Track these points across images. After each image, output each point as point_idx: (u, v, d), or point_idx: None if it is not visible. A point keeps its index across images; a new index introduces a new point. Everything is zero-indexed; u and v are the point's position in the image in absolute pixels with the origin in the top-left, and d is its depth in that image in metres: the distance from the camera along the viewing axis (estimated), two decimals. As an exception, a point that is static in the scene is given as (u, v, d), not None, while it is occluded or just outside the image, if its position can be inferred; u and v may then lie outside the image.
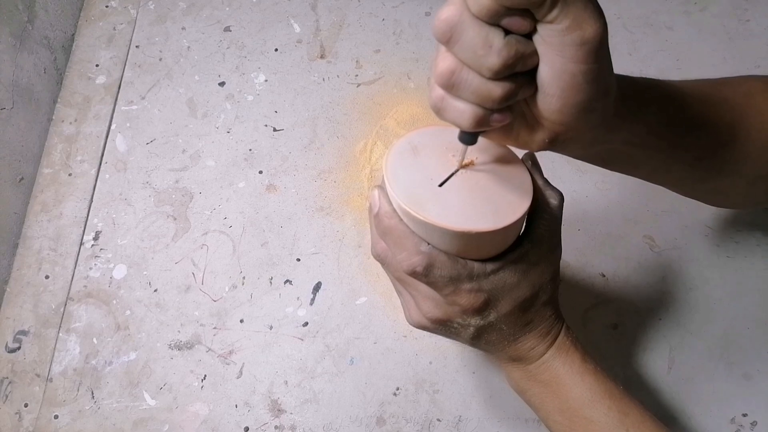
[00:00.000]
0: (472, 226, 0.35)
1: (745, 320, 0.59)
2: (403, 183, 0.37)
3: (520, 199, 0.38)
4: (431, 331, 0.41)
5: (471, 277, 0.37)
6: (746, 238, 0.62)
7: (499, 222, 0.36)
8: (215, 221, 0.63)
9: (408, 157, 0.38)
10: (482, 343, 0.41)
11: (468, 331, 0.40)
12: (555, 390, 0.42)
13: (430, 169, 0.38)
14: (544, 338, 0.41)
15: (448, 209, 0.36)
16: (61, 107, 0.69)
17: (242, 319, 0.59)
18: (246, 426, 0.55)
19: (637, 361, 0.57)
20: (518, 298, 0.39)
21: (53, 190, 0.64)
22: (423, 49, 0.72)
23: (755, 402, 0.56)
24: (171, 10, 0.74)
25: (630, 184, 0.64)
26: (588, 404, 0.41)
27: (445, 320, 0.39)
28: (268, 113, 0.68)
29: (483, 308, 0.38)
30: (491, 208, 0.36)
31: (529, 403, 0.44)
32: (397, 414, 0.55)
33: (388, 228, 0.37)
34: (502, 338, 0.41)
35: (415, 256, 0.36)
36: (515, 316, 0.39)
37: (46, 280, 0.60)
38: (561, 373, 0.41)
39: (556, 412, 0.42)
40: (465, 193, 0.37)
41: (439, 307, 0.39)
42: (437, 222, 0.35)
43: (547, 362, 0.41)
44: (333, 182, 0.65)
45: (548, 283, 0.40)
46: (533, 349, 0.41)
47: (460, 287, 0.37)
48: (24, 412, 0.55)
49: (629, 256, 0.61)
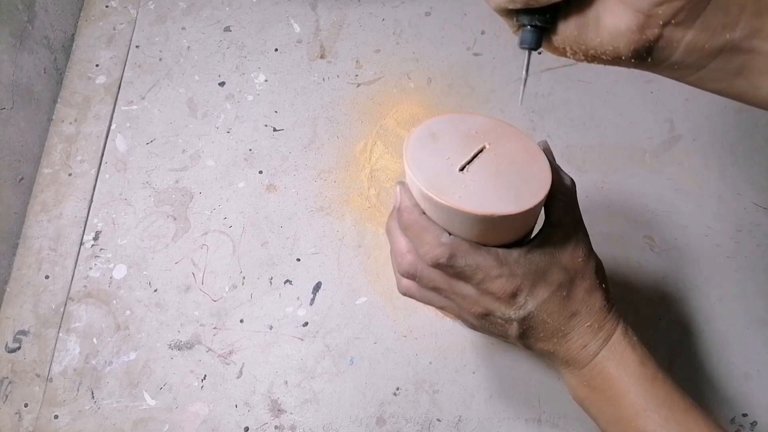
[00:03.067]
0: (494, 209, 0.35)
1: (745, 320, 0.59)
2: (424, 169, 0.37)
3: (540, 182, 0.37)
4: (484, 331, 0.41)
5: (498, 262, 0.36)
6: (746, 238, 0.62)
7: (520, 205, 0.36)
8: (215, 221, 0.63)
9: (428, 144, 0.38)
10: (532, 341, 0.39)
11: (513, 327, 0.38)
12: (609, 397, 0.38)
13: (450, 155, 0.38)
14: (595, 335, 0.38)
15: (470, 194, 0.36)
16: (61, 107, 0.69)
17: (242, 319, 0.59)
18: (246, 426, 0.55)
19: (637, 361, 0.57)
20: (553, 283, 0.37)
21: (53, 190, 0.64)
22: (423, 49, 0.72)
23: (755, 402, 0.56)
24: (171, 10, 0.74)
25: (630, 184, 0.64)
26: (641, 413, 0.37)
27: (485, 314, 0.38)
28: (268, 113, 0.68)
29: (516, 294, 0.37)
30: (512, 193, 0.36)
31: (588, 412, 0.41)
32: (397, 414, 0.55)
33: (408, 222, 0.37)
34: (549, 333, 0.38)
35: (438, 248, 0.36)
36: (556, 304, 0.38)
37: (46, 280, 0.60)
38: (614, 377, 0.38)
39: (612, 422, 0.39)
40: (485, 178, 0.37)
41: (476, 302, 0.38)
42: (459, 206, 0.35)
43: (600, 363, 0.39)
44: (333, 182, 0.65)
45: (583, 266, 0.38)
46: (585, 347, 0.39)
47: (489, 273, 0.36)
48: (24, 412, 0.55)
49: (629, 256, 0.61)
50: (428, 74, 0.71)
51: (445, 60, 0.71)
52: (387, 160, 0.66)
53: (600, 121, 0.68)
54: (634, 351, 0.39)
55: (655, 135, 0.67)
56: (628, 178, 0.65)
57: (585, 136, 0.67)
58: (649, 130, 0.67)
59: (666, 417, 0.37)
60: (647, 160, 0.66)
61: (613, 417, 0.39)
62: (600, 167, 0.65)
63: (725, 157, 0.66)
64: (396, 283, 0.42)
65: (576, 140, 0.67)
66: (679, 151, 0.66)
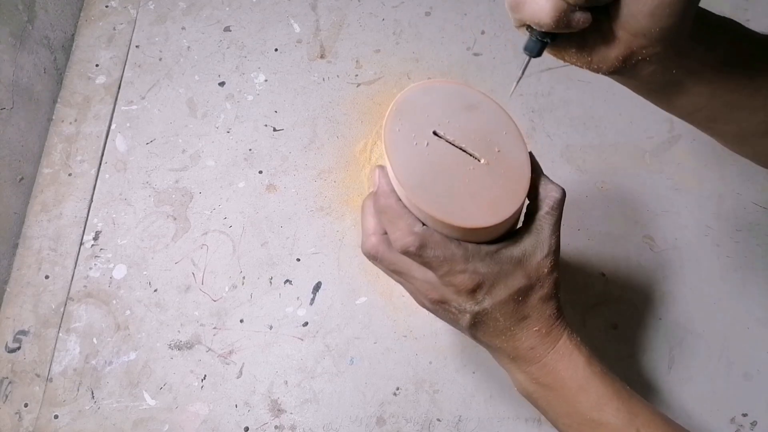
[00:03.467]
0: (467, 221, 0.36)
1: (745, 320, 0.59)
2: (401, 160, 0.37)
3: (518, 190, 0.38)
4: (434, 314, 0.42)
5: (466, 257, 0.38)
6: (746, 238, 0.62)
7: (494, 217, 0.36)
8: (215, 221, 0.63)
9: (407, 122, 0.38)
10: (480, 334, 0.41)
11: (465, 318, 0.40)
12: (560, 393, 0.41)
13: (430, 141, 0.38)
14: (543, 339, 0.41)
15: (447, 197, 0.36)
16: (61, 107, 0.69)
17: (242, 319, 0.59)
18: (246, 426, 0.55)
19: (637, 361, 0.57)
20: (513, 287, 0.39)
21: (53, 190, 0.64)
22: (423, 49, 0.72)
23: (755, 402, 0.56)
24: (171, 10, 0.74)
25: (630, 184, 0.64)
26: (596, 407, 0.40)
27: (443, 302, 0.40)
28: (268, 113, 0.68)
29: (476, 290, 0.38)
30: (488, 199, 0.37)
31: (536, 405, 0.44)
32: (397, 414, 0.55)
33: (384, 207, 0.38)
34: (498, 331, 0.40)
35: (408, 236, 0.37)
36: (510, 306, 0.39)
37: (46, 280, 0.60)
38: (564, 377, 0.41)
39: (564, 415, 0.42)
40: (463, 179, 0.37)
41: (436, 288, 0.39)
42: (434, 214, 0.36)
43: (549, 365, 0.41)
44: (333, 182, 0.65)
45: (546, 277, 0.40)
46: (533, 349, 0.41)
47: (454, 268, 0.38)
48: (24, 412, 0.55)
49: (629, 256, 0.61)
50: (428, 74, 0.71)
51: (445, 60, 0.71)
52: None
53: (600, 120, 0.68)
54: (581, 352, 0.41)
55: (655, 135, 0.67)
56: (628, 178, 0.65)
57: (585, 136, 0.67)
58: (649, 130, 0.67)
59: (617, 408, 0.40)
60: (647, 160, 0.66)
61: (564, 411, 0.41)
62: (600, 167, 0.65)
63: (725, 157, 0.66)
64: None
65: (576, 140, 0.67)
66: (679, 151, 0.66)
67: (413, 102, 0.39)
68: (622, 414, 0.40)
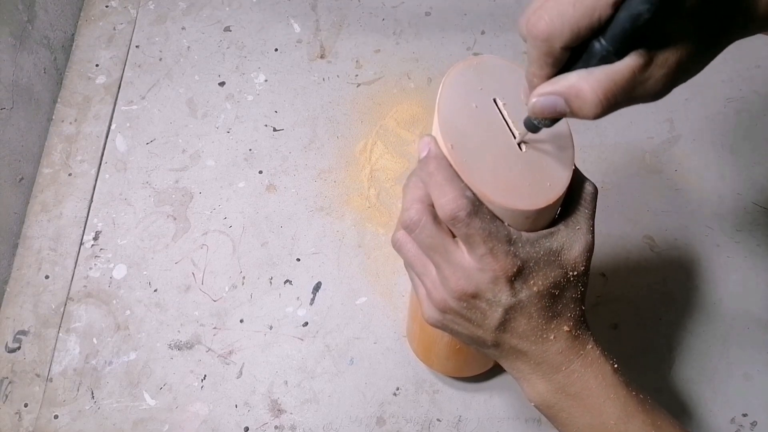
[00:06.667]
0: (516, 202, 0.35)
1: (745, 320, 0.59)
2: (453, 130, 0.35)
3: (562, 176, 0.37)
4: (450, 324, 0.39)
5: (509, 239, 0.35)
6: (746, 238, 0.62)
7: (540, 201, 0.35)
8: (215, 221, 0.63)
9: (463, 96, 0.36)
10: (508, 336, 0.38)
11: (496, 314, 0.37)
12: (586, 404, 0.39)
13: (485, 117, 0.36)
14: (573, 342, 0.38)
15: (493, 174, 0.35)
16: (61, 107, 0.69)
17: (242, 319, 0.59)
18: (246, 426, 0.55)
19: (637, 361, 0.57)
20: (550, 278, 0.37)
21: (53, 190, 0.64)
22: (423, 49, 0.72)
23: (755, 402, 0.56)
24: (171, 10, 0.74)
25: (630, 184, 0.64)
26: (622, 420, 0.38)
27: (475, 294, 0.36)
28: (268, 113, 0.68)
29: (516, 276, 0.36)
30: (534, 183, 0.35)
31: (555, 419, 0.41)
32: (397, 414, 0.55)
33: (435, 169, 0.35)
34: (530, 330, 0.38)
35: (461, 199, 0.34)
36: (546, 300, 0.37)
37: (46, 280, 0.60)
38: (593, 386, 0.38)
39: (587, 428, 0.39)
40: (511, 159, 0.36)
41: (470, 277, 0.36)
42: (484, 190, 0.34)
43: (577, 371, 0.38)
44: (333, 182, 0.65)
45: (581, 275, 0.38)
46: (561, 353, 0.38)
47: (497, 247, 0.35)
48: (24, 412, 0.55)
49: (629, 256, 0.61)
50: (428, 74, 0.71)
51: (445, 60, 0.71)
52: (387, 160, 0.66)
53: (600, 121, 0.67)
54: (607, 360, 0.40)
55: (655, 135, 0.67)
56: (628, 178, 0.65)
57: (585, 136, 0.67)
58: (649, 130, 0.67)
59: (643, 420, 0.38)
60: (647, 160, 0.66)
61: (588, 424, 0.39)
62: (600, 167, 0.65)
63: (725, 157, 0.66)
64: (392, 235, 0.40)
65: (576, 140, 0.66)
66: (679, 151, 0.66)
67: (467, 79, 0.37)
68: (647, 427, 0.38)
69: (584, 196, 0.39)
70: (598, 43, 0.29)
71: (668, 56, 0.30)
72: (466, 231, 0.35)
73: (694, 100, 0.68)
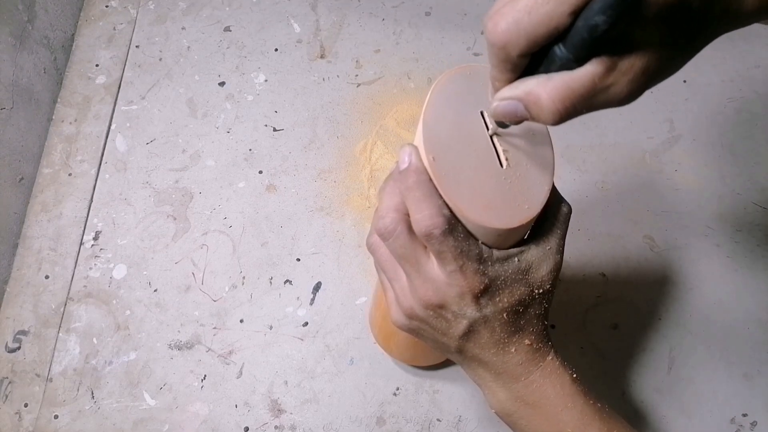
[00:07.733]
0: (490, 220, 0.35)
1: (745, 320, 0.59)
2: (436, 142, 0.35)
3: (538, 196, 0.37)
4: (416, 329, 0.40)
5: (480, 258, 0.36)
6: (746, 238, 0.62)
7: (513, 220, 0.35)
8: (215, 221, 0.63)
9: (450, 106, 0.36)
10: (471, 345, 0.39)
11: (460, 326, 0.38)
12: (545, 412, 0.40)
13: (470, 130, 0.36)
14: (533, 354, 0.40)
15: (471, 190, 0.35)
16: (61, 107, 0.69)
17: (242, 319, 0.59)
18: (246, 426, 0.55)
19: (637, 361, 0.57)
20: (516, 295, 0.38)
21: (53, 190, 0.64)
22: (423, 49, 0.72)
23: (755, 402, 0.56)
24: (171, 10, 0.74)
25: (630, 184, 0.64)
26: (579, 428, 0.39)
27: (441, 306, 0.37)
28: (268, 113, 0.69)
29: (483, 293, 0.37)
30: (509, 201, 0.36)
31: (515, 426, 0.42)
32: (397, 414, 0.55)
33: (415, 184, 0.35)
34: (492, 342, 0.39)
35: (438, 217, 0.35)
36: (509, 316, 0.38)
37: (46, 280, 0.60)
38: (551, 395, 0.40)
39: None
40: (490, 177, 0.36)
41: (438, 290, 0.37)
42: (461, 207, 0.35)
43: (536, 381, 0.40)
44: (333, 182, 0.65)
45: (546, 293, 0.39)
46: (521, 364, 0.40)
47: (467, 264, 0.36)
48: (24, 412, 0.55)
49: (629, 256, 0.61)
50: (428, 74, 0.71)
51: (445, 60, 0.71)
52: (387, 160, 0.66)
53: (600, 121, 0.68)
54: (566, 370, 0.40)
55: (655, 135, 0.67)
56: (628, 178, 0.65)
57: (585, 136, 0.67)
58: (649, 130, 0.67)
59: (599, 428, 0.39)
60: (647, 160, 0.66)
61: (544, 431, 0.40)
62: (600, 167, 0.65)
63: (725, 157, 0.66)
64: (366, 238, 0.41)
65: (576, 140, 0.67)
66: (679, 151, 0.66)
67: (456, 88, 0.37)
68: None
69: (559, 217, 0.39)
70: (558, 49, 0.29)
71: (633, 62, 0.29)
72: (438, 248, 0.36)
73: (694, 100, 0.68)
